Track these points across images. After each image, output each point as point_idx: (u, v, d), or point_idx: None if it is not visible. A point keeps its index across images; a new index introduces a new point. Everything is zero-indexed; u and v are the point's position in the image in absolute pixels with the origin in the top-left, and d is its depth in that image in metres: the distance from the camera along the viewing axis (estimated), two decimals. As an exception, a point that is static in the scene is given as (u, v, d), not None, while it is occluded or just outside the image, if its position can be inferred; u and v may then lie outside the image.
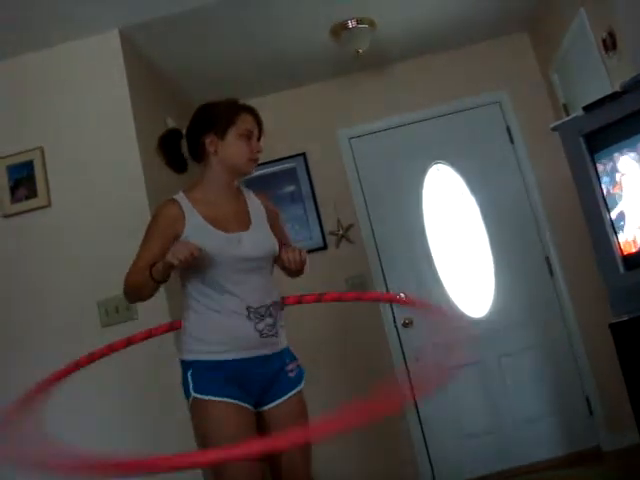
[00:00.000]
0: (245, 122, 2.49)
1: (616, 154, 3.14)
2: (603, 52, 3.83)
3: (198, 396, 2.29)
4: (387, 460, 4.65)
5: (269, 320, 2.37)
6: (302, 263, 2.45)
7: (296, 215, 5.02)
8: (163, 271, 2.26)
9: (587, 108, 3.26)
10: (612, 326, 3.22)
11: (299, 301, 2.56)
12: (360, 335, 4.77)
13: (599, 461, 4.40)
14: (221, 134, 2.46)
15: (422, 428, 4.71)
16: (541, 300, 4.81)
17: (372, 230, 4.97)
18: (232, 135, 2.46)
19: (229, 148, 2.46)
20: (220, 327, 2.32)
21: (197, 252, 2.19)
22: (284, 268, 2.54)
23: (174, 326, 2.58)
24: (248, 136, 2.48)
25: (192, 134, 2.52)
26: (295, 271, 2.52)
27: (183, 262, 2.18)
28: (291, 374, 2.45)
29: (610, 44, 3.71)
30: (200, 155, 2.51)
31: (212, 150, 2.47)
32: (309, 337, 4.67)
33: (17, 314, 3.61)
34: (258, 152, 2.51)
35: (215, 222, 2.40)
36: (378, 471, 4.61)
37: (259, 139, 2.55)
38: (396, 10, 4.35)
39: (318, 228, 4.99)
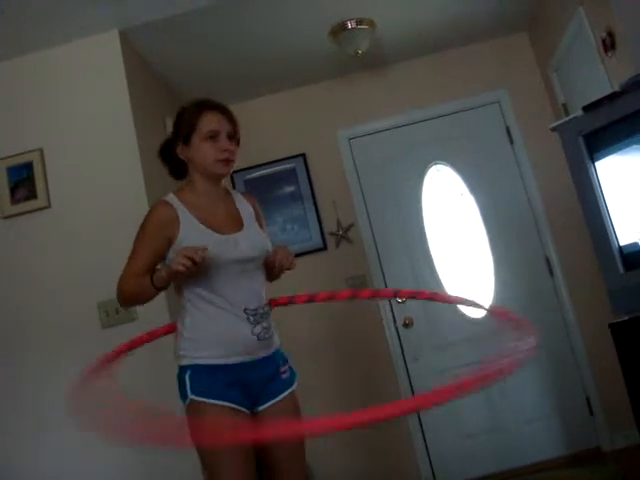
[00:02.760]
0: (207, 123, 2.42)
1: (615, 154, 3.14)
2: (602, 52, 3.83)
3: (196, 398, 2.26)
4: (387, 460, 4.64)
5: (264, 324, 2.36)
6: (289, 266, 2.43)
7: (296, 215, 5.02)
8: (168, 279, 2.25)
9: (586, 108, 3.26)
10: (612, 326, 3.22)
11: (289, 302, 2.52)
12: (360, 334, 4.77)
13: (599, 461, 4.39)
14: (185, 141, 2.44)
15: (422, 428, 4.71)
16: (541, 300, 4.81)
17: (372, 230, 4.97)
18: (195, 140, 2.42)
19: (196, 153, 2.43)
20: (218, 331, 2.29)
21: (204, 252, 2.17)
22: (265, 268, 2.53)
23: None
24: (212, 137, 2.41)
25: (169, 145, 2.53)
26: (278, 272, 2.50)
27: (190, 268, 2.15)
28: (284, 375, 2.43)
29: (609, 44, 3.71)
30: (180, 163, 2.51)
31: (184, 158, 2.47)
32: (309, 336, 4.68)
33: (17, 315, 3.60)
34: (226, 151, 2.42)
35: (209, 223, 2.38)
36: (378, 471, 4.61)
37: (233, 136, 2.47)
38: (395, 10, 4.35)
39: (318, 228, 4.99)
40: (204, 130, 2.41)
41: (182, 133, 2.45)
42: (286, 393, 2.42)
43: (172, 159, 2.54)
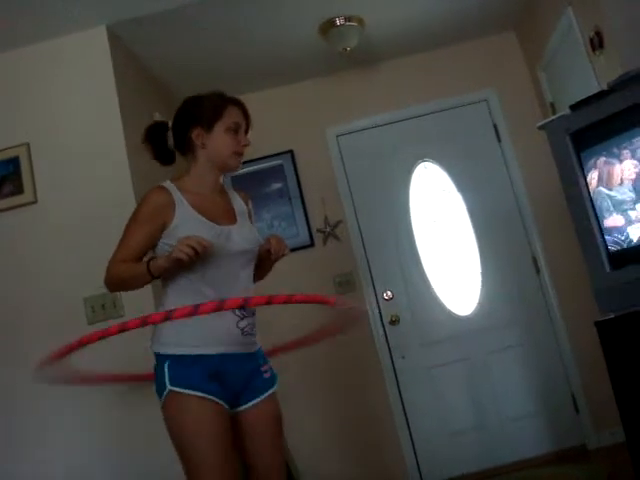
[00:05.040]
0: (232, 115, 2.46)
1: (603, 153, 3.15)
2: (590, 51, 3.84)
3: (175, 389, 2.22)
4: (374, 459, 4.64)
5: (250, 320, 2.37)
6: (283, 253, 2.43)
7: (283, 212, 5.02)
8: (168, 266, 2.23)
9: (574, 107, 3.27)
10: (598, 324, 3.23)
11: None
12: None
13: (585, 459, 4.41)
14: (208, 127, 2.43)
15: (409, 426, 4.72)
16: (527, 298, 4.83)
17: (359, 227, 4.97)
18: (219, 128, 2.44)
19: (216, 141, 2.44)
20: (203, 321, 2.23)
21: (207, 243, 2.17)
22: (259, 263, 2.52)
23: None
24: (235, 129, 2.46)
25: (179, 127, 2.50)
26: (274, 260, 2.50)
27: (192, 257, 2.14)
28: (266, 375, 2.44)
29: (597, 43, 3.73)
30: (187, 148, 2.49)
31: (199, 143, 2.45)
32: (296, 334, 4.66)
33: (2, 311, 3.58)
34: (245, 145, 2.49)
35: (205, 213, 2.38)
36: (365, 470, 4.60)
37: (247, 132, 2.53)
38: (384, 8, 4.36)
39: (305, 225, 4.98)
40: (229, 121, 2.45)
41: (205, 118, 2.44)
42: (269, 393, 2.42)
43: (160, 143, 2.53)
